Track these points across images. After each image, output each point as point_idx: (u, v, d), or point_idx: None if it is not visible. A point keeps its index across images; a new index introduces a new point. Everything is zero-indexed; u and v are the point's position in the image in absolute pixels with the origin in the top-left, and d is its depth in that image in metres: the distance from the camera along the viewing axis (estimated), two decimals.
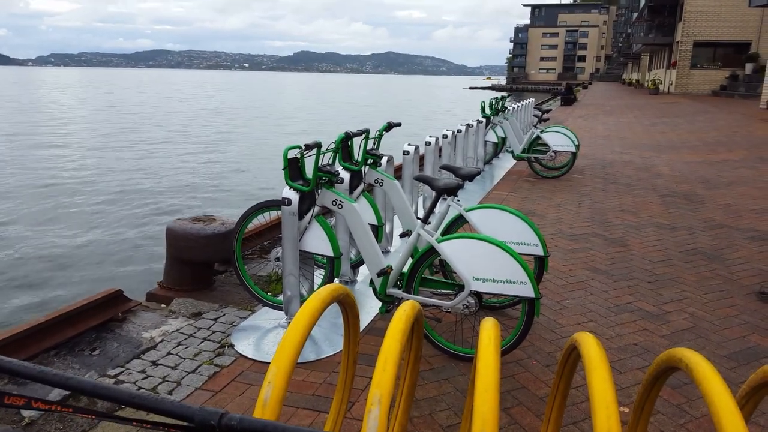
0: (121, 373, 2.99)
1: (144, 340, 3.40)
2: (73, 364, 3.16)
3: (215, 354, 3.18)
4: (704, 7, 31.14)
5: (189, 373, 2.97)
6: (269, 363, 3.02)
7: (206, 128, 28.38)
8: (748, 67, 28.63)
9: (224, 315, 3.70)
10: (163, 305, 3.95)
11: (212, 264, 4.29)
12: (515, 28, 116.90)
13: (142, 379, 2.93)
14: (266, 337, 3.35)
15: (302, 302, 3.41)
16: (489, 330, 1.48)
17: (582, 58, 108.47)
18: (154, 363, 3.09)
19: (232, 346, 3.25)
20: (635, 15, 45.81)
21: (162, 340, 3.36)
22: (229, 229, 4.05)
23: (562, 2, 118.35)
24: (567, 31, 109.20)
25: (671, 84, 33.89)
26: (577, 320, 3.61)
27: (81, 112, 37.13)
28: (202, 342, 3.33)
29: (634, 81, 52.66)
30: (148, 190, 13.51)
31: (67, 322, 3.35)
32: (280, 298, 3.56)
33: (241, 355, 3.15)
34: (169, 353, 3.20)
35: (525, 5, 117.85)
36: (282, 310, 3.49)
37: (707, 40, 31.55)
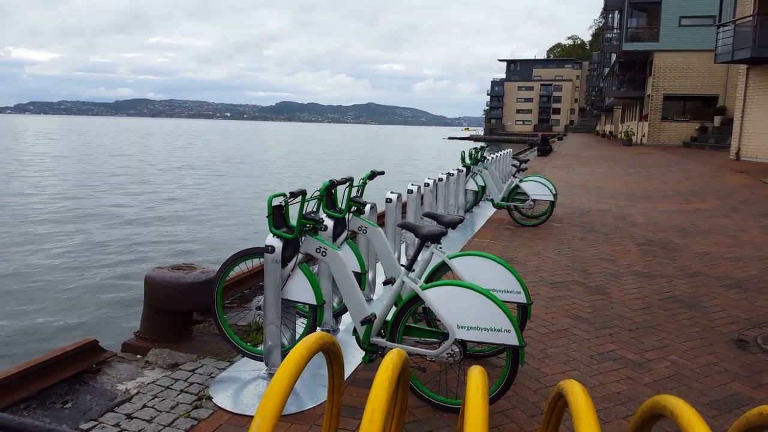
0: (94, 427, 2.88)
1: (119, 393, 3.29)
2: (43, 417, 3.04)
3: (192, 407, 3.09)
4: (673, 62, 32.40)
5: (165, 426, 2.88)
6: (248, 416, 2.96)
7: (188, 177, 28.31)
8: (717, 120, 29.61)
9: (202, 366, 3.61)
10: (139, 356, 3.85)
11: (191, 313, 4.22)
12: (492, 81, 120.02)
13: None
14: (245, 389, 3.27)
15: (283, 352, 3.37)
16: (477, 378, 1.47)
17: (557, 111, 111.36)
18: (129, 416, 2.99)
19: (210, 398, 3.16)
20: (607, 70, 47.36)
21: (137, 393, 3.26)
22: (210, 278, 4.00)
23: (536, 58, 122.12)
24: (542, 84, 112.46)
25: (644, 136, 34.83)
26: (560, 369, 3.59)
27: (62, 161, 36.88)
28: (179, 394, 3.23)
29: (607, 132, 54.00)
30: (127, 238, 13.34)
31: (39, 374, 3.24)
32: (260, 348, 3.49)
33: (219, 407, 3.06)
34: (144, 406, 3.10)
35: (501, 60, 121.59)
36: (262, 361, 3.42)
37: (677, 93, 32.70)
